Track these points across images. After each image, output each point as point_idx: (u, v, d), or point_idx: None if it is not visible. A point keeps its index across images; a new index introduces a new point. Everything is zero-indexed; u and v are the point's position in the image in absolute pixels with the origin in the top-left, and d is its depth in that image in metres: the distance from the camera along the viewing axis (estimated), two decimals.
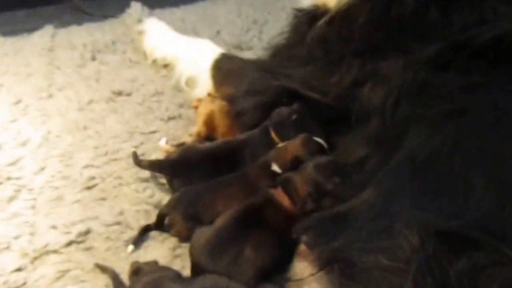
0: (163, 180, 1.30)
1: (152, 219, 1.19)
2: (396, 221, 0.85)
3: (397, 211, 0.89)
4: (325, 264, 0.93)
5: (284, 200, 1.12)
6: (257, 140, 1.29)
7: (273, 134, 1.28)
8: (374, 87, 1.12)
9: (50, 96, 1.58)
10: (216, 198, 1.17)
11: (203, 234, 1.07)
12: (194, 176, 1.24)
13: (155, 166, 1.27)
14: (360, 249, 0.88)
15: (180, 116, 1.53)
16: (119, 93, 1.60)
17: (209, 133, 1.41)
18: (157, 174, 1.31)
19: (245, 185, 1.20)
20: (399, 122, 1.03)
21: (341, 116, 1.18)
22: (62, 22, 1.93)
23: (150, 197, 1.27)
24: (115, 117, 1.51)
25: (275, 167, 1.20)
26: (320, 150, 1.20)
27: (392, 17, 1.14)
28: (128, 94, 1.60)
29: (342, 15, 1.24)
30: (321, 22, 1.28)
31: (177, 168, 1.25)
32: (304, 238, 1.02)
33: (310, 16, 1.34)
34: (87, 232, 1.17)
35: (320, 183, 1.08)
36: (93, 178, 1.31)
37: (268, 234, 1.07)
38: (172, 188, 1.27)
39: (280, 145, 1.24)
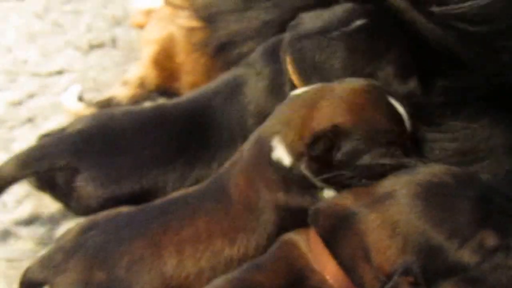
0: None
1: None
2: None
3: None
4: None
5: (326, 268, 0.48)
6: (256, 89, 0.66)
7: (291, 71, 0.63)
8: None
9: None
10: (160, 242, 0.55)
11: None
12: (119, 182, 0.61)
13: (31, 162, 0.59)
14: None
15: (113, 42, 0.91)
16: None
17: (163, 80, 0.80)
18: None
19: (224, 210, 0.56)
20: None
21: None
22: None
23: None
24: None
25: (283, 154, 0.55)
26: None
27: None
28: None
29: None
30: None
31: (86, 155, 0.61)
32: None
33: None
34: None
35: (435, 247, 0.45)
36: None
37: None
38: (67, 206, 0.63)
39: (294, 94, 0.59)
